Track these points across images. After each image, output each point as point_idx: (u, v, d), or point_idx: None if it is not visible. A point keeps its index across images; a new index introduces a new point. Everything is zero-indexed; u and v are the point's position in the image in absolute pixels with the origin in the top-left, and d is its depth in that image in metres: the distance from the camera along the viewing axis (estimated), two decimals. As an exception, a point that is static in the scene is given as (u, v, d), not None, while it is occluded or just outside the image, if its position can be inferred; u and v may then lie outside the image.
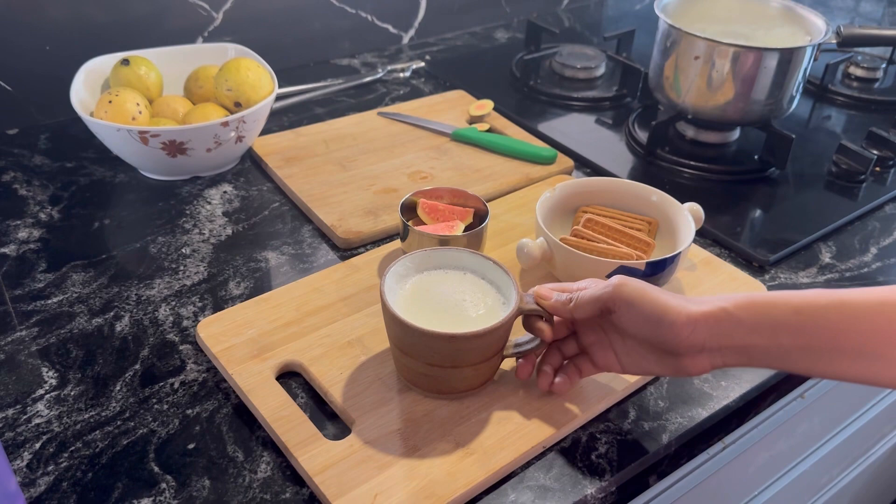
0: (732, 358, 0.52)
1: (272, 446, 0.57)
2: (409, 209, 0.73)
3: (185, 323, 0.67)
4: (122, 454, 0.56)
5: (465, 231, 0.71)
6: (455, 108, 1.01)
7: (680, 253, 0.67)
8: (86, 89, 0.84)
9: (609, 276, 0.61)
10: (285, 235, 0.79)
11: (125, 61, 0.86)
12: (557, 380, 0.59)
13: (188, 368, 0.63)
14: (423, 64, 1.14)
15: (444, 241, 0.68)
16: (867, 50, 1.17)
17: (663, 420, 0.61)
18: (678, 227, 0.72)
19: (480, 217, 0.73)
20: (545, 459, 0.58)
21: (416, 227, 0.69)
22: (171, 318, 0.68)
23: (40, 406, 0.59)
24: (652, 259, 0.67)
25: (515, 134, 0.95)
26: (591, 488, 0.56)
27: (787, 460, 0.92)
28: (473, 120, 0.98)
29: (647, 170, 0.93)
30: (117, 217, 0.80)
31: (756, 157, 0.95)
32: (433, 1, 1.20)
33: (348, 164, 0.88)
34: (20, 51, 0.90)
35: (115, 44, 0.91)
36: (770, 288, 0.74)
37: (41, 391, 0.60)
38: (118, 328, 0.67)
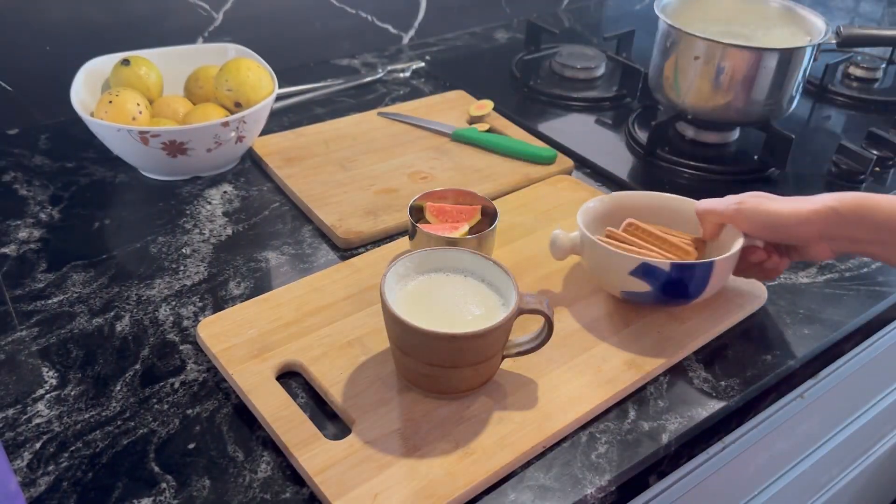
0: (845, 245, 0.64)
1: (272, 446, 0.57)
2: (417, 209, 0.73)
3: (185, 323, 0.67)
4: (122, 454, 0.56)
5: (472, 231, 0.71)
6: (455, 108, 1.01)
7: (713, 262, 0.63)
8: (86, 89, 0.85)
9: (633, 273, 0.64)
10: (285, 235, 0.79)
11: (125, 61, 0.86)
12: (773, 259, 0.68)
13: (188, 368, 0.63)
14: (423, 64, 1.14)
15: (452, 243, 0.68)
16: (867, 50, 1.17)
17: (663, 420, 0.61)
18: (729, 242, 0.68)
19: (488, 214, 0.73)
20: (545, 459, 0.58)
21: (424, 228, 0.69)
22: (171, 318, 0.68)
23: (41, 406, 0.59)
24: (680, 262, 0.64)
25: (515, 134, 0.95)
26: (591, 488, 0.56)
27: (786, 460, 0.92)
28: (473, 120, 0.98)
29: (647, 170, 0.93)
30: (118, 217, 0.80)
31: (756, 157, 0.95)
32: (433, 1, 1.20)
33: (348, 165, 0.88)
34: (21, 51, 0.90)
35: (116, 44, 0.91)
36: (770, 288, 0.75)
37: (41, 391, 0.61)
38: (118, 328, 0.67)
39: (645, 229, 0.70)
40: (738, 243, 0.66)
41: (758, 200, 0.65)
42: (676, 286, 0.64)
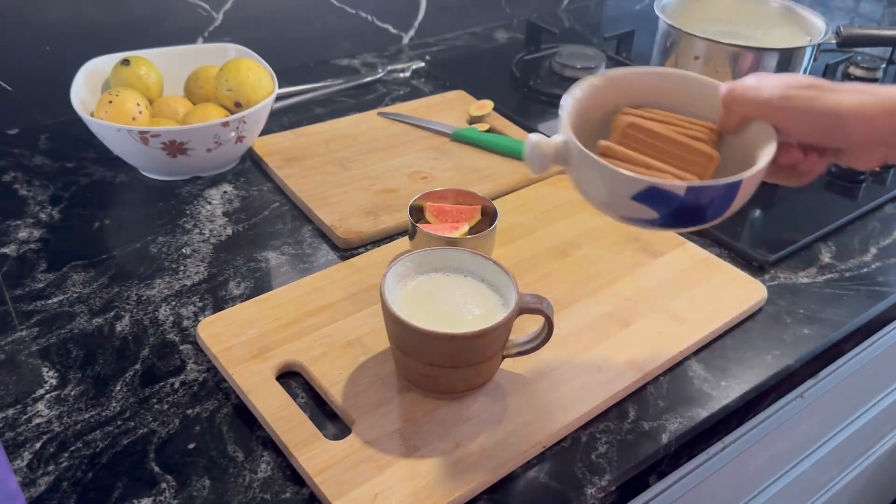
0: None
1: (272, 446, 0.57)
2: (417, 209, 0.73)
3: (185, 323, 0.67)
4: (122, 454, 0.56)
5: (472, 231, 0.71)
6: (455, 108, 1.01)
7: (741, 181, 0.50)
8: (86, 89, 0.84)
9: (635, 197, 0.51)
10: (285, 235, 0.79)
11: (125, 61, 0.86)
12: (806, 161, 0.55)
13: (188, 368, 0.63)
14: (423, 64, 1.14)
15: (452, 243, 0.68)
16: (867, 50, 1.17)
17: (663, 420, 0.61)
18: (755, 142, 0.55)
19: (488, 214, 0.73)
20: (545, 459, 0.58)
21: (424, 228, 0.69)
22: (171, 318, 0.68)
23: (41, 406, 0.59)
24: (698, 183, 0.50)
25: (515, 134, 0.95)
26: (591, 488, 0.56)
27: (786, 460, 0.92)
28: (473, 120, 0.98)
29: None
30: (117, 217, 0.80)
31: (756, 157, 0.95)
32: (433, 1, 1.20)
33: (348, 165, 0.88)
34: (21, 51, 0.90)
35: (116, 44, 0.91)
36: (770, 288, 0.75)
37: (41, 391, 0.61)
38: (118, 328, 0.67)
39: (650, 129, 0.55)
40: (771, 148, 0.52)
41: (810, 93, 0.52)
42: (692, 212, 0.51)
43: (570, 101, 0.56)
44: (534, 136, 0.55)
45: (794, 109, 0.52)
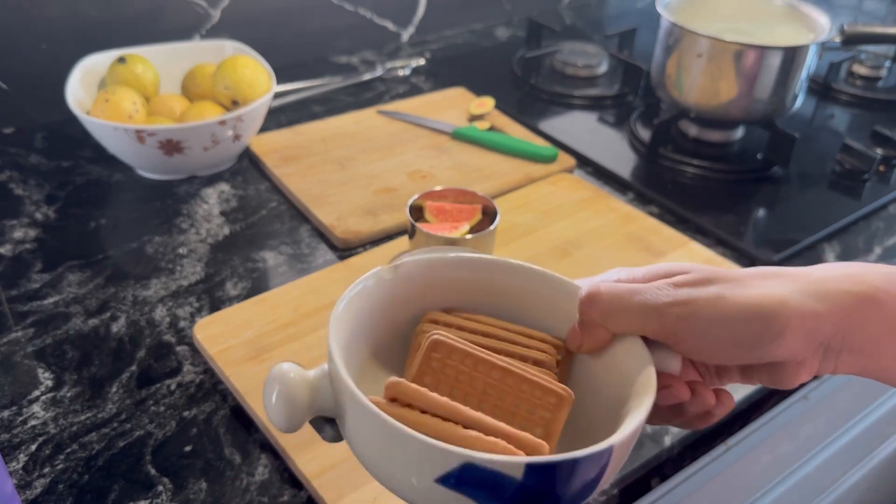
0: (850, 359, 0.37)
1: (270, 449, 0.57)
2: (416, 209, 0.73)
3: (181, 324, 0.67)
4: (118, 456, 0.55)
5: (472, 230, 0.71)
6: (455, 106, 1.00)
7: (612, 448, 0.33)
8: (82, 88, 0.84)
9: (442, 480, 0.32)
10: (283, 235, 0.78)
11: (122, 59, 0.85)
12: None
13: (185, 370, 0.63)
14: (422, 62, 1.13)
15: (452, 242, 0.67)
16: (871, 48, 1.17)
17: (666, 422, 0.60)
18: (621, 368, 0.39)
19: (488, 213, 0.72)
20: (546, 462, 0.57)
21: (423, 228, 0.68)
22: (167, 319, 0.67)
23: (36, 408, 0.59)
24: (543, 460, 0.32)
25: (516, 132, 0.95)
26: (592, 492, 0.55)
27: (790, 462, 0.91)
28: (474, 118, 0.98)
29: (650, 169, 0.92)
30: (114, 217, 0.79)
31: (759, 156, 0.94)
32: (433, -2, 1.20)
33: (347, 163, 0.87)
34: (16, 49, 0.90)
35: (112, 42, 0.91)
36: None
37: (37, 393, 0.60)
38: (114, 329, 0.66)
39: (464, 353, 0.37)
40: (650, 383, 0.37)
41: (712, 290, 0.37)
42: (539, 499, 0.33)
43: (342, 307, 0.39)
44: (279, 367, 0.37)
45: (697, 319, 0.36)
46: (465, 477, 0.31)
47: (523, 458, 0.32)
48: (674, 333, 0.37)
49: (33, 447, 0.56)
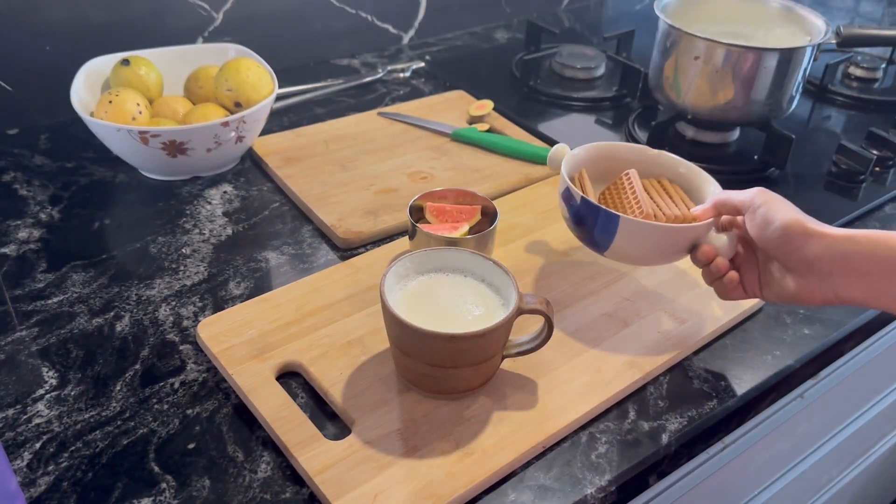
0: (848, 283, 0.55)
1: (272, 446, 0.57)
2: (417, 209, 0.73)
3: (185, 323, 0.67)
4: (122, 454, 0.56)
5: (472, 231, 0.71)
6: (455, 108, 1.01)
7: (619, 218, 0.64)
8: (86, 89, 0.84)
9: (562, 194, 0.65)
10: (285, 235, 0.79)
11: (125, 61, 0.86)
12: (731, 275, 0.62)
13: (188, 368, 0.63)
14: (423, 64, 1.14)
15: (452, 243, 0.68)
16: (867, 50, 1.17)
17: (663, 420, 0.61)
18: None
19: (488, 214, 0.73)
20: (545, 459, 0.58)
21: (424, 228, 0.69)
22: (171, 319, 0.68)
23: (40, 406, 0.59)
24: (587, 199, 0.65)
25: (515, 134, 0.95)
26: (591, 488, 0.56)
27: (787, 460, 0.92)
28: (473, 120, 0.98)
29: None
30: (117, 217, 0.80)
31: (756, 157, 0.95)
32: (433, 1, 1.20)
33: (348, 165, 0.88)
34: (20, 51, 0.90)
35: (116, 44, 0.91)
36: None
37: (41, 391, 0.60)
38: (118, 328, 0.67)
39: (633, 188, 0.68)
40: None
41: (775, 196, 0.60)
42: (583, 222, 0.66)
43: (572, 156, 0.71)
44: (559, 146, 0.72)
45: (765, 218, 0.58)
46: (565, 194, 0.68)
47: (580, 194, 0.66)
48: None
49: (37, 445, 0.56)
